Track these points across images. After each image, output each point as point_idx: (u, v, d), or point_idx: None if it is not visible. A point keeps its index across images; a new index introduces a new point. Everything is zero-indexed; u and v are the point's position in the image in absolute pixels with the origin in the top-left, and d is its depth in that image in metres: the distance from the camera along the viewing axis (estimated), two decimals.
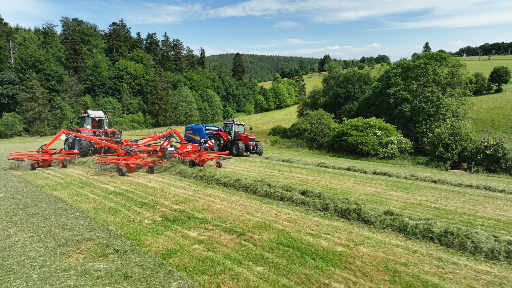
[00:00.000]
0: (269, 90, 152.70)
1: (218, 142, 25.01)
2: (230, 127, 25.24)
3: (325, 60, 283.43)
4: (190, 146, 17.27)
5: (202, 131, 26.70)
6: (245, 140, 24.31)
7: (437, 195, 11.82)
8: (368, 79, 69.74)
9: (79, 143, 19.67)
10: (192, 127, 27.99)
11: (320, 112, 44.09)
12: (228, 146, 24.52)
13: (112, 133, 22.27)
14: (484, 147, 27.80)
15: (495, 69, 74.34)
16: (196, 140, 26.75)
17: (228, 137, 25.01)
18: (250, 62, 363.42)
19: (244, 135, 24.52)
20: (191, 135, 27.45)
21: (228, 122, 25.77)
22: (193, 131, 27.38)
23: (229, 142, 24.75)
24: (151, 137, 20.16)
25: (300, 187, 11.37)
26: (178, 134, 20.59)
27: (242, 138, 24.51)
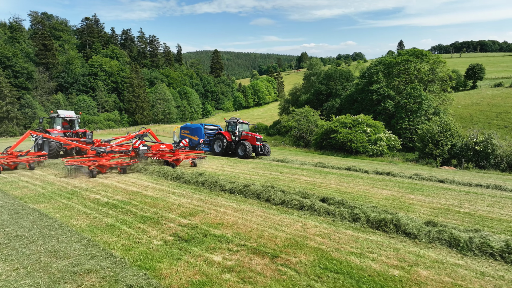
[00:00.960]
0: (248, 87, 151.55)
1: (220, 143, 23.24)
2: (234, 126, 23.27)
3: (302, 58, 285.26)
4: (163, 145, 16.59)
5: (201, 131, 25.08)
6: (251, 141, 22.31)
7: (456, 197, 11.12)
8: (350, 76, 69.90)
9: (48, 144, 18.71)
10: (189, 126, 26.31)
11: (307, 109, 43.42)
12: (232, 148, 22.62)
13: (83, 133, 21.10)
14: (474, 143, 27.83)
15: (470, 66, 76.11)
16: (194, 140, 25.22)
17: (232, 137, 23.08)
18: (227, 59, 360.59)
19: (250, 135, 22.54)
20: (188, 135, 25.84)
21: (232, 121, 23.68)
22: (190, 131, 25.72)
23: (233, 142, 22.78)
24: (124, 137, 18.80)
25: (312, 192, 10.42)
26: (152, 133, 19.15)
27: (248, 138, 22.52)
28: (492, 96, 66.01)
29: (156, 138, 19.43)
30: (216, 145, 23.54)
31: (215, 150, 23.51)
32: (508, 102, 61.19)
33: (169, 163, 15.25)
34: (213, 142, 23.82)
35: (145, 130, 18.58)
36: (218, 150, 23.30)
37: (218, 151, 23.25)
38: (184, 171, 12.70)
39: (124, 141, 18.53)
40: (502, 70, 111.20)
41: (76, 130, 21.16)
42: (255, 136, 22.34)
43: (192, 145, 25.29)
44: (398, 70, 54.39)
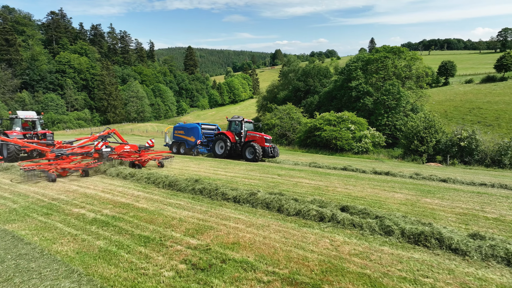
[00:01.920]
0: (223, 85, 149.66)
1: (222, 145, 21.35)
2: (239, 126, 21.24)
3: (276, 55, 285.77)
4: (128, 146, 15.77)
5: (198, 131, 23.25)
6: (260, 142, 20.23)
7: (472, 200, 10.50)
8: (328, 73, 69.87)
9: (6, 147, 17.47)
10: (183, 126, 24.38)
11: (289, 107, 42.65)
12: (238, 150, 20.67)
13: (43, 134, 19.46)
14: (458, 139, 27.92)
15: (442, 63, 78.09)
16: (190, 141, 23.47)
17: (236, 138, 21.17)
18: (201, 56, 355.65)
19: (258, 135, 20.45)
20: (182, 135, 24.08)
21: (236, 120, 21.61)
22: (186, 131, 23.88)
23: (239, 144, 20.84)
24: (87, 138, 17.32)
25: (321, 197, 9.51)
26: (117, 133, 17.59)
27: (256, 139, 20.40)
28: (464, 92, 67.87)
29: (122, 139, 17.85)
30: (218, 147, 21.60)
31: (216, 152, 21.59)
32: (480, 98, 63.04)
33: (135, 164, 14.81)
34: (214, 144, 21.88)
35: (110, 130, 17.07)
36: (220, 152, 21.35)
37: (220, 153, 21.29)
38: (177, 177, 11.43)
39: (87, 143, 17.04)
40: (469, 67, 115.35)
41: (37, 131, 19.60)
42: (263, 137, 20.30)
43: (188, 146, 23.73)
44: (376, 66, 54.68)
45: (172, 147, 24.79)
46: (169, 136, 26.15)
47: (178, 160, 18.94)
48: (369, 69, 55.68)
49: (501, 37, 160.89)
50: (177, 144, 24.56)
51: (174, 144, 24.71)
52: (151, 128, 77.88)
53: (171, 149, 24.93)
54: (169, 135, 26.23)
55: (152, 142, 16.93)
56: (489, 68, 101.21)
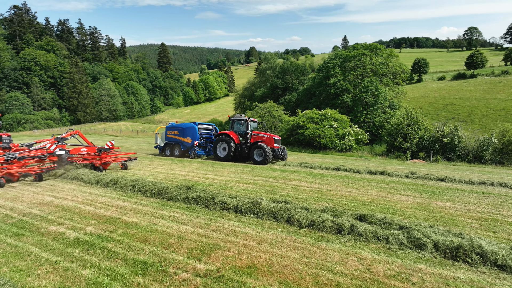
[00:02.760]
0: (198, 82, 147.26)
1: (224, 146, 19.56)
2: (244, 125, 19.66)
3: (251, 52, 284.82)
4: (84, 149, 14.94)
5: (195, 131, 21.36)
6: (269, 142, 18.68)
7: (482, 201, 10.03)
8: (305, 70, 69.67)
9: None
10: (178, 126, 22.46)
11: (270, 104, 41.88)
12: (244, 152, 19.01)
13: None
14: (441, 135, 28.04)
15: (416, 61, 79.71)
16: (186, 142, 21.64)
17: (240, 139, 19.56)
18: (174, 53, 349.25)
19: (266, 135, 18.90)
20: (177, 136, 22.11)
21: (239, 118, 20.03)
22: (181, 132, 21.92)
23: (245, 145, 19.15)
24: (48, 140, 15.82)
25: (327, 203, 8.79)
26: (81, 135, 16.10)
27: (264, 139, 18.84)
28: (437, 89, 69.53)
29: (87, 141, 16.34)
30: (219, 149, 19.87)
31: (218, 155, 19.87)
32: (452, 94, 64.74)
33: (96, 167, 14.09)
34: (215, 145, 20.09)
35: (73, 131, 15.59)
36: (222, 155, 19.62)
37: (223, 155, 19.56)
38: (167, 185, 10.28)
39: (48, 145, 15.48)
40: (439, 64, 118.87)
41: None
42: (272, 137, 18.79)
43: (183, 148, 21.81)
44: (354, 63, 54.82)
45: (165, 149, 22.97)
46: (160, 137, 24.29)
47: (161, 163, 17.70)
48: (347, 66, 55.77)
49: (467, 36, 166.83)
50: (170, 145, 22.67)
51: (167, 146, 22.84)
52: (125, 128, 75.15)
53: (163, 151, 23.18)
54: (160, 136, 24.35)
55: (112, 144, 15.56)
56: (458, 66, 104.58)
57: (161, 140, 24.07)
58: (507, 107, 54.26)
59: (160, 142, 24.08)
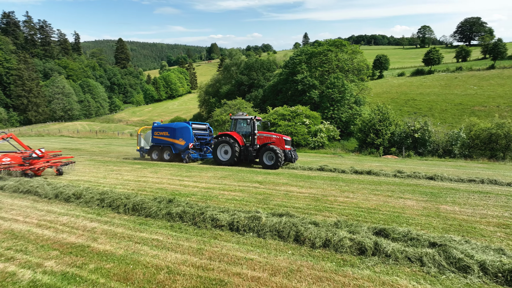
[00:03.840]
0: (159, 79, 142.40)
1: (226, 149, 17.58)
2: (250, 125, 17.62)
3: (212, 49, 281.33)
4: (8, 158, 13.13)
5: (189, 132, 19.04)
6: (279, 144, 16.90)
7: (488, 203, 9.47)
8: (271, 66, 68.96)
9: None
10: (168, 126, 20.01)
11: (240, 101, 40.63)
12: (250, 155, 17.06)
13: None
14: (412, 131, 28.20)
15: (377, 57, 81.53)
16: (178, 145, 19.30)
17: (244, 141, 17.58)
18: (132, 49, 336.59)
19: (276, 136, 17.12)
20: (167, 138, 19.63)
21: (245, 118, 17.92)
22: (172, 132, 19.44)
23: (251, 148, 17.24)
24: None
25: (333, 214, 7.83)
26: (16, 139, 14.12)
27: (274, 141, 17.00)
28: (398, 85, 71.50)
29: (23, 145, 14.34)
30: (221, 152, 17.81)
31: (219, 159, 17.74)
32: (413, 90, 66.78)
33: (26, 174, 12.82)
34: (216, 148, 17.90)
35: (5, 135, 13.61)
36: (224, 158, 17.60)
37: (225, 159, 17.53)
38: (143, 198, 8.73)
39: None
40: (396, 61, 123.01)
41: None
42: (283, 138, 17.05)
43: (175, 151, 19.40)
44: (320, 60, 54.82)
45: (151, 153, 20.28)
46: (143, 138, 21.77)
47: (128, 169, 15.90)
48: (313, 62, 55.70)
49: (420, 34, 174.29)
50: (158, 148, 20.03)
51: (154, 149, 20.17)
52: (82, 128, 70.69)
53: (149, 155, 20.57)
54: (143, 137, 21.81)
55: (42, 152, 13.66)
56: (414, 62, 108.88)
57: (145, 142, 21.51)
58: (463, 101, 56.66)
59: (145, 145, 21.44)
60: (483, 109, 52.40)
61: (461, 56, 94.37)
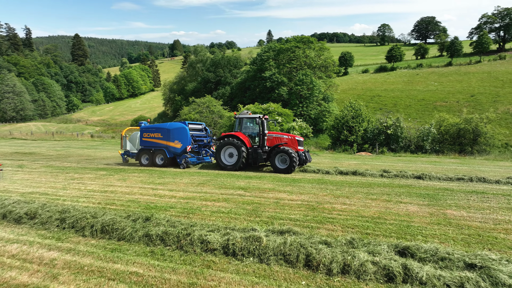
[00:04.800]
0: (120, 77, 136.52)
1: (232, 151, 15.82)
2: (259, 125, 15.92)
3: (175, 45, 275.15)
4: None
5: (186, 133, 16.87)
6: (292, 145, 15.37)
7: (490, 204, 8.97)
8: (238, 63, 67.72)
9: None
10: (160, 127, 17.81)
11: (209, 99, 39.09)
12: (259, 158, 15.45)
13: None
14: (385, 127, 28.19)
15: (342, 54, 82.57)
16: (173, 148, 17.11)
17: (251, 143, 15.99)
18: (90, 45, 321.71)
19: (287, 137, 15.71)
20: (159, 140, 17.40)
21: (253, 117, 16.30)
22: (165, 134, 17.21)
23: (261, 150, 15.58)
24: None
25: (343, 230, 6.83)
26: None
27: (286, 142, 15.46)
28: (363, 81, 72.73)
29: None
30: (224, 155, 16.10)
31: (223, 163, 16.01)
32: (378, 86, 68.15)
33: None
34: (219, 150, 16.17)
35: None
36: (229, 163, 15.92)
37: (230, 163, 15.85)
38: (114, 217, 7.27)
39: None
40: (358, 58, 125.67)
41: None
42: (295, 138, 15.58)
43: (170, 155, 17.30)
44: (288, 56, 54.37)
45: (140, 157, 17.96)
46: (130, 140, 19.49)
47: (91, 176, 14.17)
48: (280, 58, 55.16)
49: (380, 32, 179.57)
50: (148, 152, 17.74)
51: (144, 153, 17.88)
52: (37, 129, 65.98)
53: (137, 159, 18.25)
54: (130, 139, 19.52)
55: None
56: (375, 59, 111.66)
57: (131, 145, 19.31)
58: (426, 97, 58.39)
59: (131, 148, 19.30)
60: (444, 105, 54.20)
61: (420, 54, 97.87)
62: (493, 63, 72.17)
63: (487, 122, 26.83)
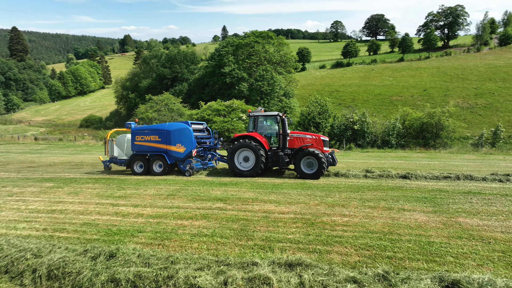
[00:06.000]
0: (66, 74, 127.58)
1: (248, 155, 13.89)
2: (279, 123, 14.07)
3: (126, 41, 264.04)
4: None
5: (190, 135, 14.52)
6: (317, 146, 13.56)
7: (496, 207, 8.25)
8: (195, 59, 65.29)
9: None
10: (157, 128, 15.22)
11: (167, 96, 36.69)
12: (281, 161, 13.57)
13: None
14: (351, 122, 27.84)
15: (299, 50, 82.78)
16: (175, 153, 14.68)
17: (269, 144, 14.20)
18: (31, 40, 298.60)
19: (311, 137, 13.92)
20: (157, 144, 14.87)
21: (269, 115, 14.61)
22: (164, 136, 14.74)
23: (282, 152, 13.73)
24: None
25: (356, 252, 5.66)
26: None
27: (311, 142, 13.65)
28: (321, 77, 73.36)
29: None
30: (238, 159, 14.09)
31: (238, 168, 13.97)
32: (335, 81, 68.99)
33: None
34: (233, 154, 13.99)
35: None
36: (245, 168, 13.92)
37: (246, 168, 13.85)
38: (64, 254, 5.54)
39: None
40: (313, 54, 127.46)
41: None
42: (320, 138, 13.86)
43: (171, 161, 14.90)
44: (247, 51, 53.02)
45: (133, 164, 15.26)
46: (117, 144, 16.65)
47: (35, 190, 11.81)
48: (239, 54, 53.70)
49: (333, 28, 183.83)
50: (143, 159, 15.19)
51: (137, 159, 15.22)
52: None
53: (129, 167, 15.55)
54: (117, 143, 16.67)
55: None
56: (330, 55, 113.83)
57: (120, 151, 16.51)
58: (382, 92, 59.88)
59: (119, 154, 16.54)
60: (399, 99, 55.85)
61: (373, 50, 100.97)
62: (441, 59, 75.88)
63: (449, 116, 27.35)
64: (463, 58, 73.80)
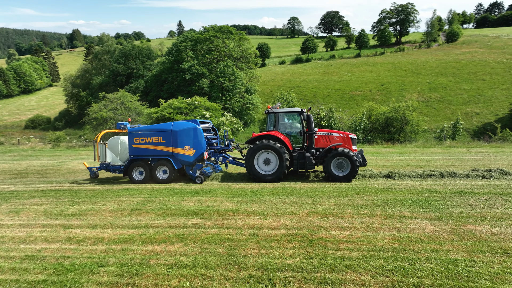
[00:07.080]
0: (7, 71, 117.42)
1: (269, 157, 12.28)
2: (303, 121, 12.72)
3: (75, 36, 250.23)
4: None
5: (200, 135, 12.77)
6: (346, 145, 12.31)
7: (506, 211, 7.68)
8: (151, 54, 62.29)
9: None
10: (160, 128, 13.29)
11: (123, 94, 34.17)
12: (308, 163, 12.04)
13: None
14: (318, 118, 27.35)
15: (259, 45, 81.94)
16: (183, 156, 12.79)
17: (292, 144, 12.68)
18: None
19: (339, 135, 12.66)
20: (161, 146, 12.94)
21: (292, 111, 13.33)
22: (170, 137, 12.83)
23: (309, 152, 12.29)
24: None
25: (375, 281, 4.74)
26: None
27: (340, 141, 12.41)
28: (282, 73, 73.10)
29: None
30: (258, 162, 12.44)
31: (259, 172, 12.37)
32: (296, 77, 69.00)
33: None
34: (253, 157, 12.30)
35: None
36: (265, 171, 12.36)
37: (268, 172, 12.32)
38: None
39: None
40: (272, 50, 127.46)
41: None
42: (349, 136, 12.65)
43: (178, 166, 13.04)
44: (207, 47, 51.22)
45: (132, 171, 13.31)
46: (110, 148, 14.38)
47: None
48: (199, 49, 51.76)
49: (290, 25, 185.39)
50: (144, 164, 13.29)
51: (137, 165, 13.27)
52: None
53: (126, 174, 13.55)
54: (109, 146, 14.37)
55: None
56: (288, 51, 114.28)
57: (113, 155, 14.29)
58: (342, 87, 60.66)
59: (114, 159, 14.38)
60: (359, 94, 56.83)
61: (330, 46, 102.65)
62: (395, 54, 78.49)
63: (413, 110, 27.68)
64: (416, 53, 76.82)
